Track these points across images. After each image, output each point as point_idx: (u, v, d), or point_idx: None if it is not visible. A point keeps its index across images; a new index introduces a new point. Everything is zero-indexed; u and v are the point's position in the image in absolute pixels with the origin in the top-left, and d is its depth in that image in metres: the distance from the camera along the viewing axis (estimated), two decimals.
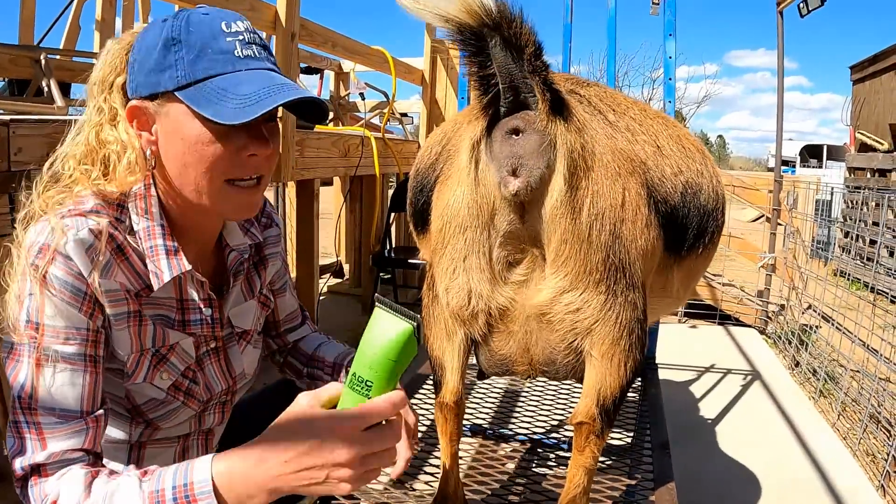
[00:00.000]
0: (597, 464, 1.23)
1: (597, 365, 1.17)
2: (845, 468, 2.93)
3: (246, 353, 1.40)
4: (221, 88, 1.08)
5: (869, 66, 9.46)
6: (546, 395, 2.17)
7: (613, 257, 1.13)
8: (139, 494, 0.97)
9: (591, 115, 1.22)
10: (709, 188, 1.30)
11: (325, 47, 3.92)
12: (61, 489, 1.02)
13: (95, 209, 1.13)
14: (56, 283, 1.06)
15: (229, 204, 1.18)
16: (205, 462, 0.97)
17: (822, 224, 6.50)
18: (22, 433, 1.05)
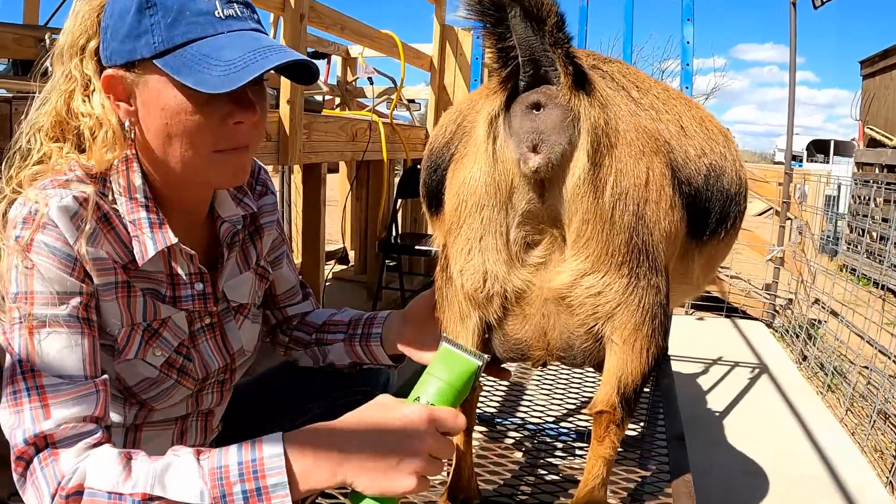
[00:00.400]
0: (616, 454, 1.19)
1: (618, 351, 1.13)
2: (853, 464, 2.90)
3: (244, 329, 1.35)
4: (203, 54, 1.02)
5: (879, 61, 9.39)
6: (558, 383, 2.14)
7: (636, 239, 1.09)
8: (197, 471, 0.92)
9: (614, 91, 1.17)
10: (732, 172, 1.26)
11: (333, 30, 3.87)
12: (87, 469, 0.93)
13: (78, 179, 1.07)
14: (44, 249, 1.01)
15: (218, 173, 1.13)
16: (275, 437, 0.93)
17: (830, 219, 6.46)
18: (20, 403, 0.97)
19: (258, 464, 0.91)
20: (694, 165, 1.20)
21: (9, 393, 0.98)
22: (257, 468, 0.90)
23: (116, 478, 0.92)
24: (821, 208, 5.22)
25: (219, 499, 0.90)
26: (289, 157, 3.23)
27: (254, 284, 1.38)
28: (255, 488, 0.90)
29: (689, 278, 1.33)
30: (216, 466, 0.91)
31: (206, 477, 0.91)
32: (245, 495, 0.90)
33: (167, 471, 0.92)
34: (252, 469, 0.90)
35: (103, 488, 0.91)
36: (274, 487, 0.90)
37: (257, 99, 1.11)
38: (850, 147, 15.51)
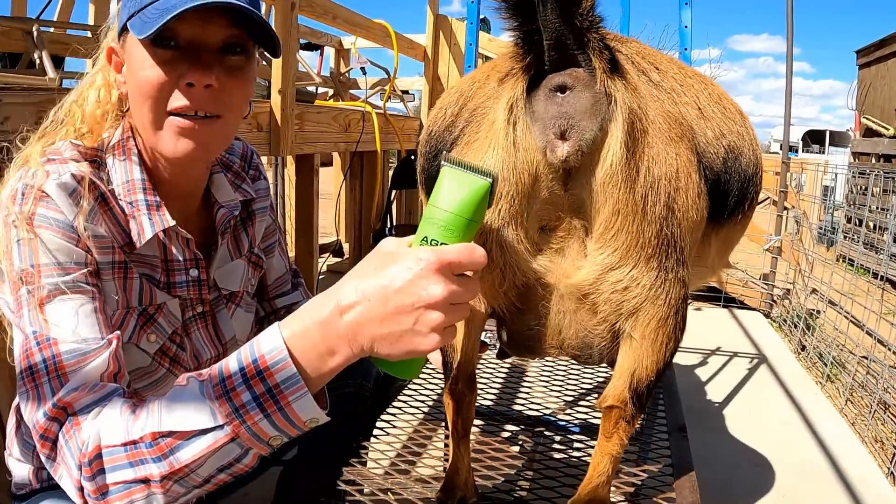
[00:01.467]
0: (623, 451, 1.14)
1: (636, 346, 1.08)
2: (854, 454, 2.88)
3: (236, 318, 1.32)
4: (155, 9, 1.02)
5: (875, 50, 9.37)
6: (557, 372, 2.10)
7: (667, 230, 1.02)
8: (202, 392, 0.84)
9: (637, 75, 1.11)
10: (749, 152, 1.21)
11: (325, 19, 3.82)
12: (101, 428, 0.88)
13: (74, 158, 1.08)
14: (45, 221, 1.00)
15: (168, 139, 1.08)
16: (271, 330, 0.84)
17: (827, 210, 6.44)
18: (39, 378, 0.93)
19: (260, 363, 0.82)
20: (713, 148, 1.15)
21: (24, 369, 0.95)
22: (260, 367, 0.82)
23: (126, 425, 0.87)
24: (818, 198, 5.18)
25: (231, 414, 0.83)
26: (280, 147, 3.19)
27: (246, 272, 1.35)
28: (266, 390, 0.82)
29: (704, 261, 1.28)
30: (219, 381, 0.84)
31: (213, 395, 0.84)
32: (258, 402, 0.82)
33: (173, 402, 0.86)
34: (255, 371, 0.82)
35: (117, 441, 0.86)
36: (285, 383, 0.82)
37: (228, 68, 1.08)
38: (846, 137, 15.52)
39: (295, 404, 0.83)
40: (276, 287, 1.50)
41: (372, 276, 0.83)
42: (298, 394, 0.82)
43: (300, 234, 3.92)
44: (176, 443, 0.84)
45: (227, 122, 1.13)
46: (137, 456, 0.86)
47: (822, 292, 4.22)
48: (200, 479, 0.87)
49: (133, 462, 0.86)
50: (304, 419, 0.85)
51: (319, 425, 0.92)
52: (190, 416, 0.84)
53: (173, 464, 0.85)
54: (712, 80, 1.28)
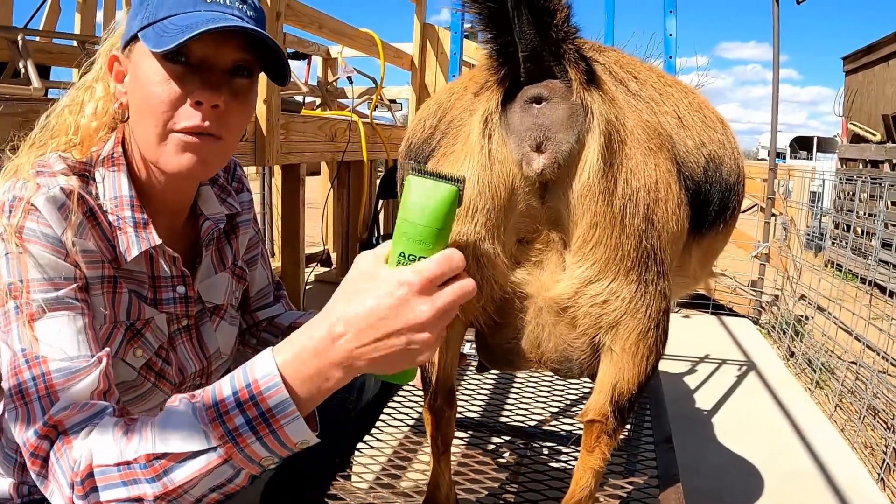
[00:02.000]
0: (605, 465, 1.13)
1: (616, 360, 1.06)
2: (843, 460, 2.87)
3: (220, 331, 1.31)
4: (173, 24, 1.02)
5: (862, 56, 9.43)
6: (542, 384, 2.08)
7: (646, 242, 1.01)
8: (195, 415, 0.85)
9: (615, 85, 1.10)
10: (731, 161, 1.20)
11: (311, 28, 3.81)
12: (92, 447, 0.88)
13: (63, 172, 1.07)
14: (34, 236, 0.99)
15: (171, 155, 1.08)
16: (264, 356, 0.86)
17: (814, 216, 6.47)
18: (28, 396, 0.93)
19: (253, 388, 0.83)
20: (694, 158, 1.14)
21: (13, 386, 0.95)
22: (253, 392, 0.83)
23: (119, 447, 0.87)
24: (806, 204, 5.20)
25: (225, 437, 0.84)
26: (266, 157, 3.17)
27: (230, 285, 1.34)
28: (259, 414, 0.83)
29: (686, 271, 1.27)
30: (212, 404, 0.85)
31: (206, 419, 0.84)
32: (250, 425, 0.83)
33: (166, 424, 0.87)
34: (249, 395, 0.83)
35: (110, 461, 0.87)
36: (278, 407, 0.83)
37: (234, 90, 1.09)
38: (833, 143, 15.60)
39: (287, 427, 0.84)
40: (259, 299, 1.49)
41: (357, 302, 0.84)
42: (290, 418, 0.83)
43: (287, 243, 3.90)
44: (170, 464, 0.85)
45: (227, 143, 1.13)
46: (131, 476, 0.86)
47: (811, 298, 4.22)
48: (193, 498, 0.88)
49: (126, 481, 0.86)
50: (296, 441, 0.86)
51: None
52: (184, 439, 0.85)
53: (167, 484, 0.85)
54: (693, 89, 1.27)
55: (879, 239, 4.12)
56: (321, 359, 0.84)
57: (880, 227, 4.05)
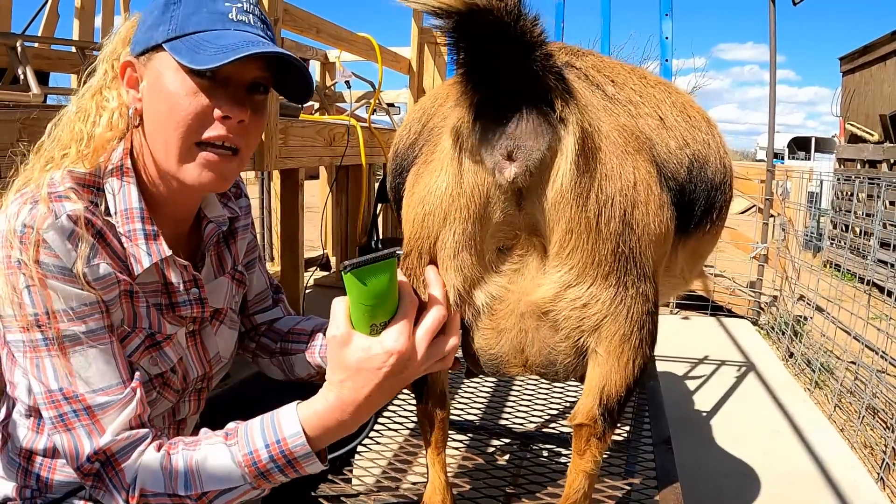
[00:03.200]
0: (598, 468, 1.13)
1: (601, 363, 1.07)
2: (843, 460, 2.88)
3: (220, 335, 1.32)
4: (205, 41, 1.07)
5: (859, 57, 9.44)
6: (541, 387, 2.09)
7: (624, 246, 1.02)
8: (232, 459, 1.04)
9: (590, 90, 1.12)
10: (716, 160, 1.20)
11: (309, 33, 3.82)
12: (141, 473, 1.04)
13: (68, 193, 1.07)
14: (50, 270, 1.02)
15: (194, 168, 1.12)
16: (291, 416, 1.06)
17: (812, 215, 6.47)
18: (71, 424, 1.03)
19: (283, 445, 1.04)
20: (676, 158, 1.14)
21: (54, 416, 1.04)
22: (284, 449, 1.04)
23: (169, 478, 1.04)
24: (804, 205, 5.21)
25: (258, 477, 1.05)
26: (265, 162, 3.17)
27: (230, 289, 1.35)
28: (287, 462, 1.05)
29: (673, 272, 1.28)
30: (247, 452, 1.04)
31: (242, 464, 1.04)
32: (280, 469, 1.05)
33: (208, 466, 1.04)
34: (279, 450, 1.04)
35: (160, 490, 1.04)
36: (303, 458, 1.05)
37: (254, 108, 1.14)
38: (831, 144, 15.61)
39: (307, 468, 1.07)
40: (257, 303, 1.49)
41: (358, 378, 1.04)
42: (311, 463, 1.07)
43: (286, 247, 3.90)
44: (213, 496, 1.05)
45: (243, 157, 1.17)
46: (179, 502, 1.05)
47: (809, 299, 4.23)
48: None
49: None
50: (309, 472, 1.08)
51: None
52: (224, 480, 1.05)
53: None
54: (678, 89, 1.27)
55: (877, 239, 4.13)
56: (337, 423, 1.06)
57: (878, 227, 4.06)
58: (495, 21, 0.85)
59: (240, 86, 1.11)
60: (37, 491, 1.18)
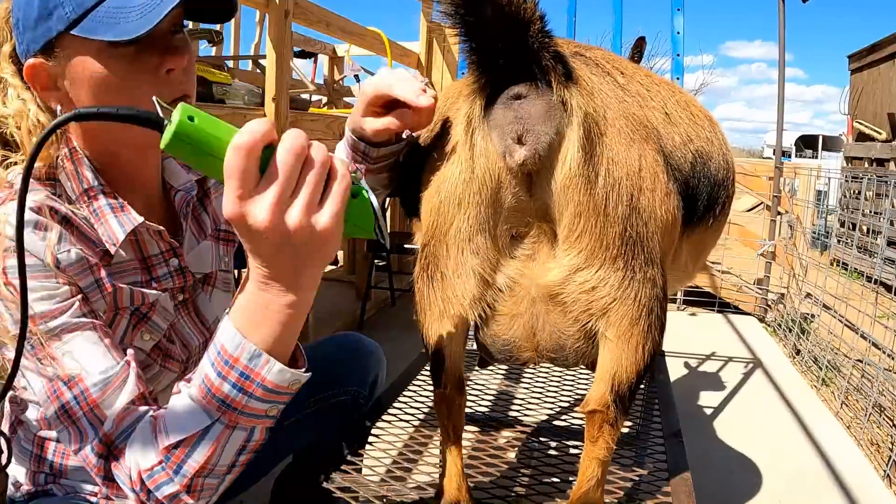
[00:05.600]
0: (611, 455, 1.14)
1: (612, 347, 1.08)
2: (850, 458, 2.88)
3: (215, 299, 1.31)
4: (115, 7, 0.99)
5: (867, 55, 9.40)
6: (551, 380, 2.10)
7: (631, 230, 1.04)
8: (190, 399, 0.90)
9: (600, 78, 1.13)
10: (719, 156, 1.23)
11: (318, 27, 3.82)
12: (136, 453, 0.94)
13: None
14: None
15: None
16: (223, 323, 0.88)
17: (820, 214, 6.46)
18: (74, 414, 0.96)
19: (223, 354, 0.86)
20: (681, 153, 1.16)
21: (58, 409, 0.97)
22: (226, 358, 0.86)
23: (155, 447, 0.92)
24: (812, 202, 5.20)
25: (221, 408, 0.88)
26: None
27: (216, 251, 1.33)
28: (239, 375, 0.86)
29: (677, 264, 1.29)
30: (201, 382, 0.89)
31: (199, 397, 0.89)
32: (237, 387, 0.87)
33: (172, 415, 0.92)
34: (223, 361, 0.86)
35: (153, 463, 0.92)
36: (252, 361, 0.86)
37: (183, 45, 1.08)
38: (838, 142, 15.56)
39: (270, 376, 0.87)
40: None
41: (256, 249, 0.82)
42: (268, 366, 0.86)
43: None
44: (186, 450, 0.91)
45: (193, 98, 1.12)
46: (170, 470, 0.92)
47: (817, 296, 4.22)
48: (226, 467, 0.93)
49: (170, 477, 0.92)
50: (286, 384, 0.89)
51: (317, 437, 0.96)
52: (188, 423, 0.90)
53: (193, 466, 0.91)
54: (680, 88, 1.30)
55: (885, 237, 4.12)
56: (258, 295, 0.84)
57: (886, 226, 4.05)
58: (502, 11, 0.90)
59: (165, 33, 1.05)
60: (50, 476, 1.18)
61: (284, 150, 0.76)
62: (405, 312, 4.65)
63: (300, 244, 0.79)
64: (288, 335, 0.87)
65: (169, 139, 0.75)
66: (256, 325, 0.85)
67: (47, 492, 1.19)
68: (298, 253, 0.80)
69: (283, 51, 3.20)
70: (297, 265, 0.82)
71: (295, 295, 0.84)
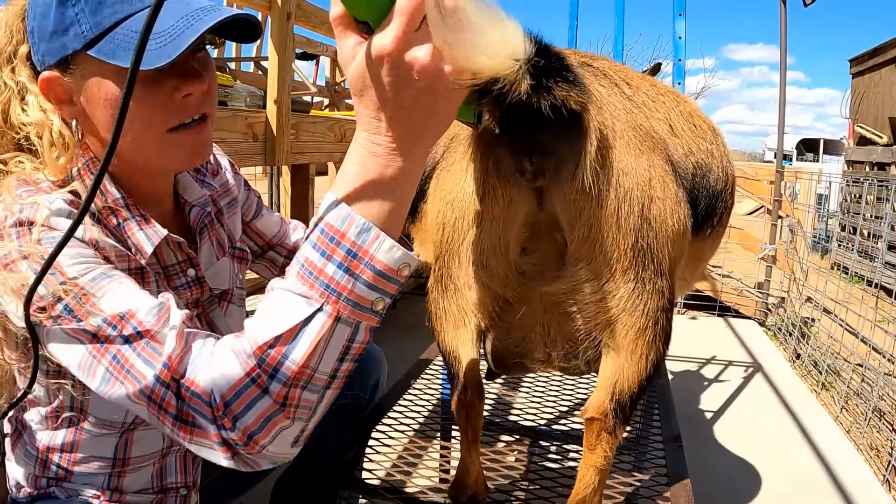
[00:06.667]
0: (609, 463, 1.15)
1: (614, 357, 1.09)
2: (849, 462, 2.88)
3: (230, 314, 1.31)
4: (134, 31, 0.95)
5: (868, 59, 9.41)
6: (551, 383, 2.10)
7: (642, 241, 1.04)
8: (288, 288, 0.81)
9: (608, 90, 1.14)
10: (718, 169, 1.24)
11: (320, 29, 3.83)
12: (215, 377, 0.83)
13: (52, 188, 1.01)
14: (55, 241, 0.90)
15: (178, 153, 1.06)
16: (326, 199, 0.82)
17: (821, 218, 6.46)
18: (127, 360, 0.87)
19: (328, 230, 0.79)
20: (682, 166, 1.17)
21: (110, 362, 0.89)
22: (331, 234, 0.79)
23: (239, 362, 0.82)
24: (812, 206, 5.20)
25: (325, 292, 0.80)
26: (276, 157, 3.18)
27: (232, 268, 1.33)
28: (346, 253, 0.79)
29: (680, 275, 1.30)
30: (300, 268, 0.81)
31: (299, 284, 0.81)
32: (343, 268, 0.79)
33: (265, 314, 0.83)
34: (328, 238, 0.79)
35: (237, 378, 0.82)
36: (360, 237, 0.79)
37: (202, 66, 1.05)
38: (839, 146, 15.57)
39: (379, 254, 0.80)
40: (281, 237, 1.50)
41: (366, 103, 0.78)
42: (378, 242, 0.80)
43: None
44: (284, 347, 0.80)
45: (213, 117, 1.11)
46: (265, 376, 0.81)
47: (817, 301, 4.22)
48: (326, 376, 0.83)
49: (264, 387, 0.82)
50: (395, 266, 0.81)
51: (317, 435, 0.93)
52: (286, 314, 0.81)
53: (292, 367, 0.81)
54: (685, 97, 1.30)
55: (886, 241, 4.12)
56: (367, 161, 0.79)
57: (887, 230, 4.05)
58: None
59: (186, 56, 1.00)
60: (53, 480, 1.17)
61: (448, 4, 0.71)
62: (406, 315, 4.65)
63: (441, 94, 0.76)
64: (399, 210, 0.81)
65: None
66: (366, 195, 0.80)
67: (49, 494, 1.19)
68: (435, 106, 0.77)
69: (285, 53, 3.20)
70: (426, 121, 0.78)
71: (411, 161, 0.79)
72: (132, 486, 1.19)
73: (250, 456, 0.85)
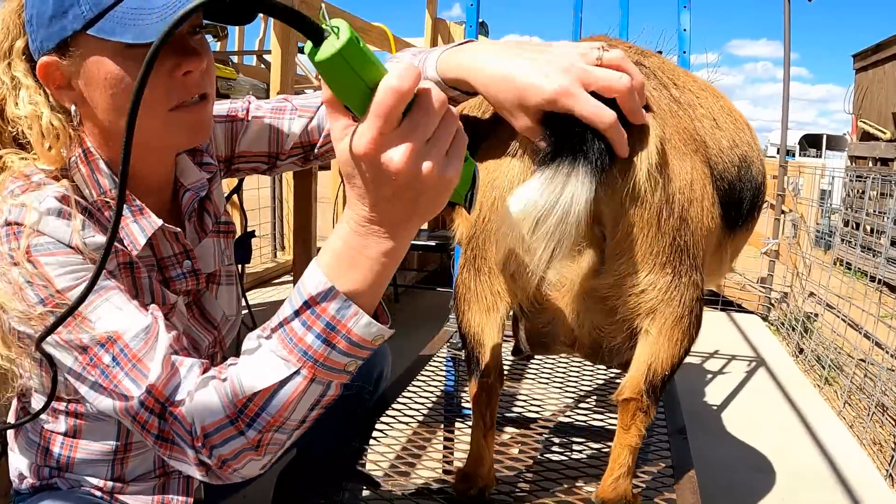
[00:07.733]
0: (641, 442, 1.18)
1: (652, 341, 1.13)
2: (853, 457, 2.88)
3: (220, 296, 1.30)
4: (133, 8, 0.95)
5: (872, 54, 9.39)
6: (556, 374, 2.10)
7: (680, 239, 1.09)
8: (269, 348, 0.88)
9: (658, 92, 1.16)
10: (758, 161, 1.28)
11: None
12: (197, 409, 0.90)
13: (44, 181, 1.01)
14: (44, 249, 0.95)
15: (180, 132, 1.06)
16: (311, 269, 0.86)
17: (824, 213, 6.45)
18: (114, 376, 0.92)
19: (310, 302, 0.84)
20: (728, 157, 1.21)
21: (98, 377, 0.94)
22: (311, 306, 0.84)
23: (222, 403, 0.90)
24: (816, 201, 5.19)
25: (303, 359, 0.86)
26: None
27: (216, 246, 1.31)
28: (325, 325, 0.84)
29: (723, 268, 1.38)
30: (281, 331, 0.87)
31: (280, 347, 0.87)
32: (322, 339, 0.85)
33: (247, 367, 0.89)
34: (309, 309, 0.84)
35: (220, 418, 0.90)
36: (339, 313, 0.84)
37: (202, 46, 1.05)
38: (842, 141, 15.56)
39: (356, 329, 0.85)
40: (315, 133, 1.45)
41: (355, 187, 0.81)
42: (355, 318, 0.84)
43: (298, 237, 3.90)
44: (262, 401, 0.88)
45: (212, 97, 1.11)
46: (243, 424, 0.90)
47: (820, 295, 4.22)
48: (297, 422, 0.92)
49: (241, 431, 0.90)
50: (370, 339, 0.87)
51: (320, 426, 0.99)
52: (266, 373, 0.88)
53: (267, 419, 0.89)
54: (722, 94, 1.33)
55: (889, 237, 4.12)
56: (352, 240, 0.83)
57: (890, 225, 4.05)
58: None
59: (183, 34, 1.01)
60: (55, 470, 1.18)
61: (435, 100, 0.76)
62: (409, 308, 4.66)
63: (423, 191, 0.78)
64: (378, 286, 0.85)
65: (332, 54, 0.71)
66: (348, 271, 0.84)
67: (52, 485, 1.19)
68: (418, 200, 0.79)
69: (287, 46, 3.20)
70: (410, 212, 0.81)
71: (394, 242, 0.83)
72: (135, 471, 1.18)
73: (223, 474, 0.94)
